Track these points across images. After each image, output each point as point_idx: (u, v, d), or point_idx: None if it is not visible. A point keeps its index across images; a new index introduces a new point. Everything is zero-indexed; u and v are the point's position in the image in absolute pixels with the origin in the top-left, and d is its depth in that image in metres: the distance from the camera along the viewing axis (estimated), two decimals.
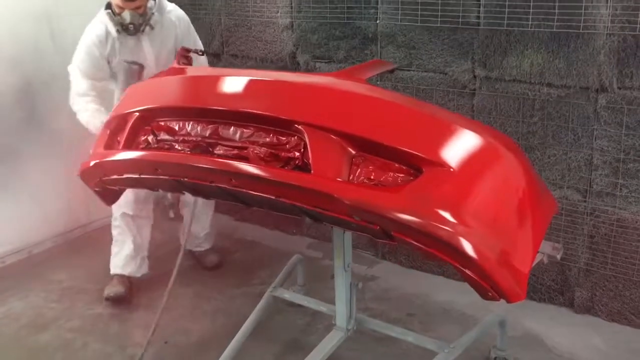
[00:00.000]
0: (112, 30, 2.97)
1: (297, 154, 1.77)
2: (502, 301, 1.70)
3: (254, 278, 3.42)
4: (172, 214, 4.25)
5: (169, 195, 4.22)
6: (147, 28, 3.00)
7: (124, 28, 2.94)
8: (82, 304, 3.22)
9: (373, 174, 1.70)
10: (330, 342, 2.50)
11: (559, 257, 2.17)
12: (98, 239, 3.98)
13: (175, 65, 2.25)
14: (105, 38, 2.98)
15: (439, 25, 3.05)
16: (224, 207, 4.16)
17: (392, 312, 3.05)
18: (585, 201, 2.87)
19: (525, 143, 2.93)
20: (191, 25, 3.23)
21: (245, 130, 1.87)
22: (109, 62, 3.04)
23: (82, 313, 3.14)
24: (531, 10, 2.78)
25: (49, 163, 3.71)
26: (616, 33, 2.62)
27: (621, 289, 2.86)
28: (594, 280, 2.93)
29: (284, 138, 1.81)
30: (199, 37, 4.00)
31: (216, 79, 2.06)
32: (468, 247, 1.59)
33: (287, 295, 2.88)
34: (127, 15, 2.91)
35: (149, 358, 2.72)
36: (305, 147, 1.74)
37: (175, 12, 3.15)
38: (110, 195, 2.38)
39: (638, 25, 2.56)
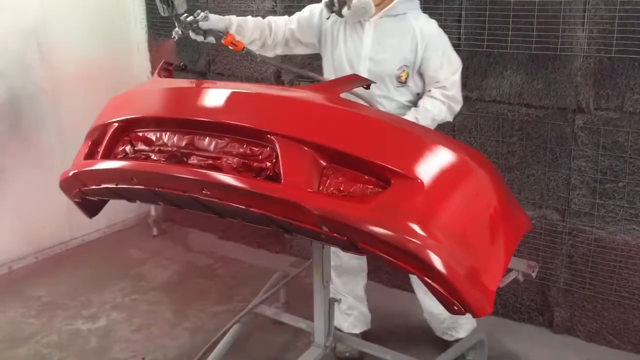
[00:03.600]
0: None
1: (268, 164, 1.78)
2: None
3: (236, 295, 3.40)
4: (155, 232, 4.26)
5: (153, 212, 4.24)
6: (371, 21, 2.47)
7: (326, 5, 2.48)
8: (61, 320, 3.20)
9: (343, 185, 1.70)
10: (307, 359, 2.48)
11: (534, 274, 2.16)
12: (79, 256, 3.99)
13: (157, 77, 2.26)
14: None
15: None
16: (207, 225, 4.17)
17: (373, 330, 3.03)
18: (563, 221, 2.88)
19: (504, 163, 2.96)
20: (442, 47, 2.48)
21: (219, 140, 1.88)
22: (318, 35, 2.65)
23: (59, 328, 3.12)
24: (510, 32, 2.83)
25: (32, 178, 3.71)
26: (592, 55, 2.66)
27: (600, 309, 2.86)
28: (573, 300, 2.93)
29: (256, 149, 1.81)
30: (184, 56, 4.00)
31: (192, 91, 2.07)
32: (437, 261, 1.58)
33: (268, 312, 2.86)
34: None
35: None
36: (277, 157, 1.75)
37: (424, 23, 2.47)
38: (90, 207, 2.38)
39: (613, 48, 2.60)
